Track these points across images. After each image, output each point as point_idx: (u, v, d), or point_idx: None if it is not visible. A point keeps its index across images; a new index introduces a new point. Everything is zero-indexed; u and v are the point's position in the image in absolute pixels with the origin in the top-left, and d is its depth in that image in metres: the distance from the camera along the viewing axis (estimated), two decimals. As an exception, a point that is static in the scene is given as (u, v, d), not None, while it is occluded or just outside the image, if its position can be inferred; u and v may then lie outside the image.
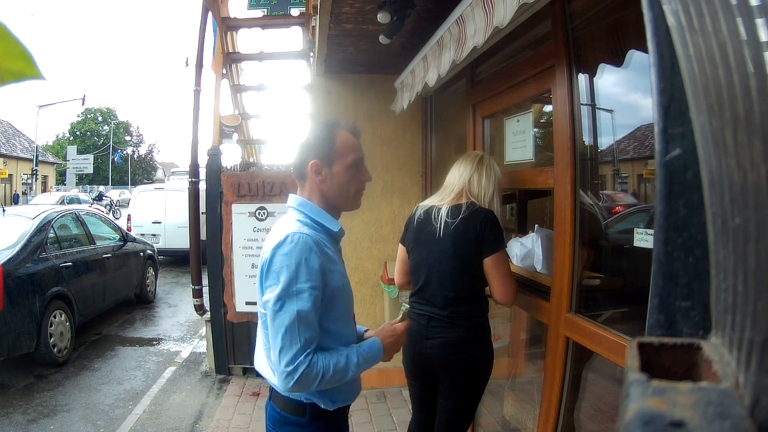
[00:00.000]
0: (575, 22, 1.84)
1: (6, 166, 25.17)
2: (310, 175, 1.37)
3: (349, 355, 1.31)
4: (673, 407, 0.26)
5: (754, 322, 0.30)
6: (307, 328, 1.23)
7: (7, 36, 0.35)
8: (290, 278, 1.23)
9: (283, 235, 1.26)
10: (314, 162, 1.36)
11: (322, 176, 1.37)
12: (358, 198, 1.46)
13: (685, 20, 0.33)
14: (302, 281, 1.23)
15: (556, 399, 1.91)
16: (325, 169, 1.38)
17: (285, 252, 1.24)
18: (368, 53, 3.34)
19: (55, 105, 28.99)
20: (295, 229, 1.28)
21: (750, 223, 0.30)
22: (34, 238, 4.76)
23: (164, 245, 9.60)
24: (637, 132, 1.90)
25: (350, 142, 1.41)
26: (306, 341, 1.22)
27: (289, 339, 1.22)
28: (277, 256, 1.25)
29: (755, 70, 0.30)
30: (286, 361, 1.21)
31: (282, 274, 1.23)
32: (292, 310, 1.22)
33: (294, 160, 1.42)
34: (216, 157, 4.30)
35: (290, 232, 1.27)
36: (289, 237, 1.26)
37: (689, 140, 0.38)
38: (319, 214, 1.38)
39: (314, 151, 1.38)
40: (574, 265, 1.83)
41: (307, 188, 1.40)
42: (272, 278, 1.25)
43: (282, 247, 1.25)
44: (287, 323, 1.22)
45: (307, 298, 1.23)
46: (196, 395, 4.09)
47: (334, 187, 1.39)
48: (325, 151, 1.37)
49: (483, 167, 2.05)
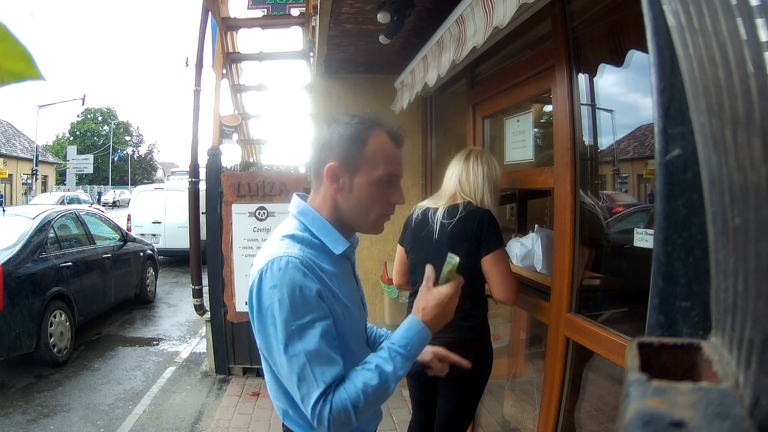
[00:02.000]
0: (575, 22, 1.84)
1: (6, 166, 25.15)
2: (325, 179, 1.10)
3: (380, 366, 1.04)
4: (673, 407, 0.26)
5: (754, 322, 0.30)
6: (324, 366, 1.00)
7: (6, 36, 0.35)
8: (286, 317, 0.99)
9: (268, 260, 1.03)
10: (332, 165, 1.08)
11: (338, 185, 1.10)
12: (380, 223, 1.16)
13: (685, 20, 0.33)
14: (301, 315, 1.00)
15: (556, 399, 1.91)
16: (345, 177, 1.09)
17: (273, 284, 1.00)
18: (368, 53, 3.34)
19: (55, 105, 29.00)
20: (282, 251, 1.03)
21: (750, 223, 0.30)
22: (34, 238, 4.76)
23: (164, 245, 9.60)
24: (637, 132, 1.90)
25: (387, 149, 1.10)
26: (326, 384, 1.00)
27: (307, 387, 1.00)
28: (264, 290, 1.01)
29: (755, 70, 0.30)
30: (310, 411, 1.00)
31: (276, 312, 1.00)
32: (299, 353, 0.99)
33: (311, 156, 1.18)
34: (216, 157, 4.30)
35: (276, 255, 1.02)
36: (275, 263, 1.01)
37: (689, 140, 0.38)
38: (323, 228, 1.12)
39: (335, 151, 1.09)
40: (574, 265, 1.83)
41: (321, 194, 1.14)
42: (266, 319, 1.01)
43: (268, 278, 1.01)
44: (298, 371, 0.99)
45: (314, 334, 1.00)
46: (196, 395, 4.09)
47: (352, 202, 1.11)
48: (349, 154, 1.09)
49: (469, 164, 2.00)
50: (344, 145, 1.09)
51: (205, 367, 4.66)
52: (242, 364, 4.36)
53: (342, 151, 1.09)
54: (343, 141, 1.09)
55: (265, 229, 4.18)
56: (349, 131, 1.09)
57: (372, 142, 1.09)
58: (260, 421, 3.57)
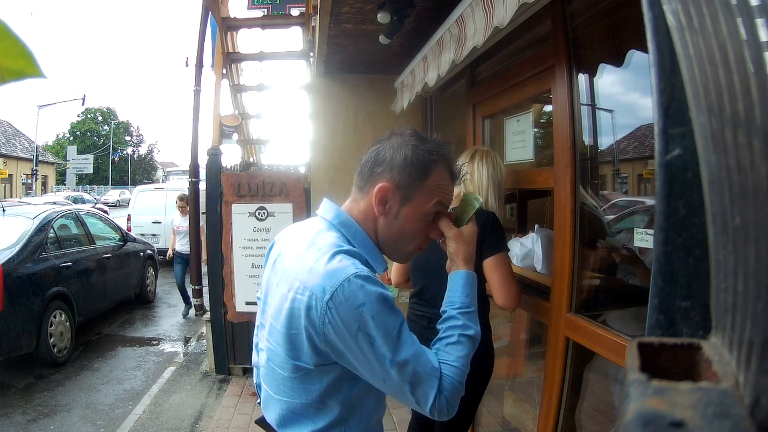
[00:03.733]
0: (575, 22, 1.84)
1: (6, 166, 25.17)
2: (373, 197, 1.02)
3: (463, 334, 1.02)
4: (673, 407, 0.26)
5: (754, 322, 0.30)
6: (425, 363, 0.96)
7: (7, 34, 0.35)
8: (385, 331, 0.92)
9: (337, 282, 0.90)
10: (385, 186, 1.01)
11: (384, 208, 1.03)
12: (412, 256, 1.11)
13: (685, 20, 0.33)
14: (394, 324, 0.93)
15: (556, 399, 1.91)
16: (395, 202, 1.02)
17: (358, 304, 0.90)
18: (368, 53, 3.34)
19: (55, 105, 29.03)
20: (350, 268, 0.92)
21: (750, 223, 0.30)
22: (34, 238, 4.76)
23: (164, 245, 9.59)
24: (637, 132, 1.90)
25: (445, 186, 1.05)
26: (437, 378, 0.96)
27: (422, 390, 0.95)
28: (348, 312, 0.90)
29: (755, 70, 0.30)
30: (429, 409, 0.97)
31: (371, 331, 0.91)
32: (406, 360, 0.93)
33: (364, 159, 1.07)
34: (216, 157, 4.30)
35: (346, 274, 0.91)
36: (351, 283, 0.90)
37: (689, 140, 0.38)
38: (366, 245, 1.04)
39: (394, 173, 1.01)
40: (574, 265, 1.83)
41: (361, 208, 1.06)
42: (359, 341, 0.91)
43: (347, 299, 0.90)
44: (410, 378, 0.94)
45: (407, 336, 0.95)
46: (196, 395, 4.09)
47: (393, 230, 1.04)
48: (408, 182, 1.01)
49: (474, 164, 1.96)
50: (406, 171, 1.01)
51: (205, 367, 4.66)
52: (242, 364, 4.36)
53: (401, 176, 1.01)
54: (407, 166, 1.01)
55: (265, 229, 4.17)
56: (416, 158, 1.01)
57: (434, 175, 1.02)
58: (260, 421, 3.57)
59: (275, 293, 1.02)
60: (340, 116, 4.04)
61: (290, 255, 1.02)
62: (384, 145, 1.05)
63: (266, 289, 1.09)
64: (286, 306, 0.95)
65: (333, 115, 4.05)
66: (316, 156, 4.08)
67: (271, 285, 1.05)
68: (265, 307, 1.08)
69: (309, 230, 1.06)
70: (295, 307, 0.94)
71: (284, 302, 0.96)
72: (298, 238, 1.06)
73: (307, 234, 1.04)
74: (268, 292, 1.07)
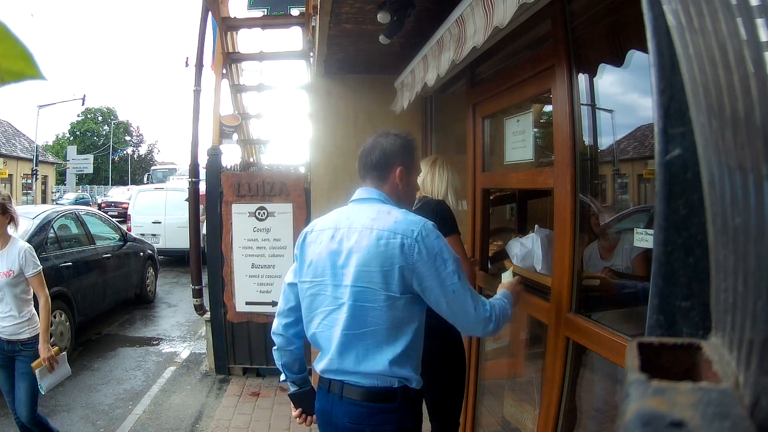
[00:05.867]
0: (575, 22, 1.84)
1: (6, 166, 25.16)
2: (393, 178, 1.55)
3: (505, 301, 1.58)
4: (673, 407, 0.26)
5: (754, 322, 0.30)
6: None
7: (7, 36, 0.35)
8: (451, 254, 1.41)
9: (413, 225, 1.41)
10: (401, 169, 1.55)
11: (404, 182, 1.57)
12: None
13: (685, 20, 0.33)
14: (453, 254, 1.43)
15: (556, 399, 1.91)
16: (407, 176, 1.58)
17: (436, 236, 1.41)
18: (368, 53, 3.34)
19: (55, 105, 28.91)
20: (418, 218, 1.46)
21: (750, 223, 0.30)
22: (34, 238, 4.77)
23: (164, 245, 9.60)
24: (637, 132, 1.90)
25: (418, 155, 1.66)
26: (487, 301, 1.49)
27: (477, 297, 1.45)
28: (431, 241, 1.39)
29: (755, 70, 0.30)
30: (483, 309, 1.44)
31: (445, 254, 1.39)
32: (464, 277, 1.43)
33: (375, 158, 1.55)
34: (216, 157, 4.30)
35: (421, 220, 1.44)
36: (427, 225, 1.43)
37: (689, 140, 0.38)
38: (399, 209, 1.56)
39: (401, 158, 1.56)
40: (574, 265, 1.83)
41: (386, 187, 1.56)
42: (437, 260, 1.39)
43: (429, 234, 1.40)
44: (469, 289, 1.43)
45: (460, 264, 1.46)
46: (196, 395, 4.09)
47: (408, 193, 1.62)
48: (409, 161, 1.58)
49: (435, 168, 2.32)
50: (405, 154, 1.57)
51: (205, 367, 4.66)
52: (242, 364, 4.36)
53: (405, 158, 1.57)
54: (405, 151, 1.57)
55: (265, 229, 4.17)
56: (407, 144, 1.58)
57: (416, 153, 1.62)
58: (260, 421, 3.57)
59: (358, 249, 1.41)
60: (340, 116, 4.04)
61: (362, 221, 1.45)
62: (382, 145, 1.56)
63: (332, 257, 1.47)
64: (379, 251, 1.38)
65: (333, 115, 4.04)
66: (316, 156, 4.07)
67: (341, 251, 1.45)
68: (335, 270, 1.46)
69: (363, 206, 1.53)
70: (389, 248, 1.38)
71: (377, 248, 1.39)
72: (359, 213, 1.49)
73: (365, 208, 1.51)
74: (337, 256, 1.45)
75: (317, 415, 1.59)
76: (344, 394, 1.46)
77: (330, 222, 1.54)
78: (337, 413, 1.47)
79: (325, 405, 1.51)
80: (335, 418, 1.48)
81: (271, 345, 1.70)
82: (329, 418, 1.49)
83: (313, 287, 1.52)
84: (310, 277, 1.52)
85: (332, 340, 1.47)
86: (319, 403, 1.56)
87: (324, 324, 1.50)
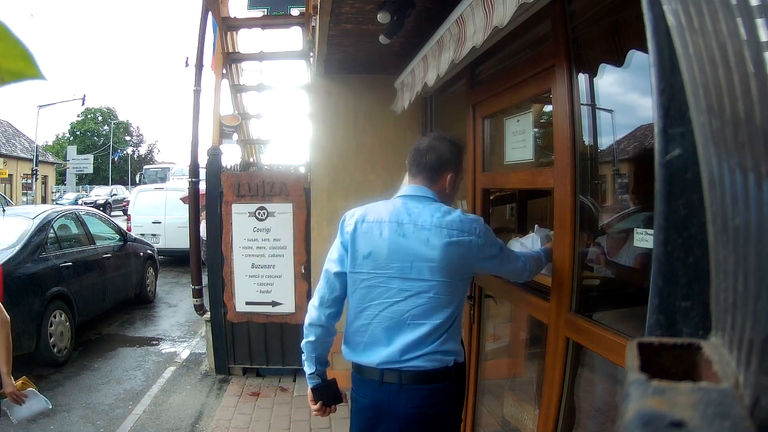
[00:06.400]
0: (575, 22, 1.84)
1: (6, 166, 25.15)
2: (443, 182, 1.66)
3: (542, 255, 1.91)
4: (673, 407, 0.26)
5: (754, 322, 0.30)
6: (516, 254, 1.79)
7: (7, 35, 0.35)
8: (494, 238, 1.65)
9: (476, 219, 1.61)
10: (452, 176, 1.67)
11: (450, 186, 1.69)
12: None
13: (685, 20, 0.33)
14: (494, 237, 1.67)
15: (556, 399, 1.91)
16: (454, 182, 1.69)
17: (486, 230, 1.61)
18: (368, 53, 3.34)
19: (55, 105, 28.89)
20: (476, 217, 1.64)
21: (750, 223, 0.30)
22: (34, 238, 4.76)
23: (164, 245, 9.60)
24: (637, 132, 1.90)
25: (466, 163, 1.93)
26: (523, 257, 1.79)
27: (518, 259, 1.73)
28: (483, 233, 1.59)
29: (755, 70, 0.30)
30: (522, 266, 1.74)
31: (493, 238, 1.64)
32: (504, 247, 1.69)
33: (430, 160, 1.64)
34: (216, 157, 4.30)
35: (479, 219, 1.63)
36: (481, 221, 1.62)
37: (689, 140, 0.38)
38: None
39: (453, 165, 1.67)
40: (574, 265, 1.83)
41: (435, 188, 1.66)
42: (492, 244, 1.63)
43: (482, 226, 1.60)
44: (511, 254, 1.71)
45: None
46: (196, 395, 4.09)
47: (452, 196, 1.73)
48: (459, 168, 1.71)
49: None
50: (457, 162, 1.69)
51: (205, 367, 4.66)
52: (242, 364, 4.36)
53: (457, 165, 1.69)
54: (458, 159, 1.69)
55: (265, 229, 4.17)
56: (460, 152, 1.71)
57: (465, 159, 1.75)
58: (260, 421, 3.57)
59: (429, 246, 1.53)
60: (340, 116, 4.04)
61: (426, 219, 1.56)
62: (438, 149, 1.66)
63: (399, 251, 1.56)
64: (451, 248, 1.53)
65: (333, 115, 4.04)
66: (316, 156, 4.07)
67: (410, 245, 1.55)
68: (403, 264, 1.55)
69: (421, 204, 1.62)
70: (460, 245, 1.54)
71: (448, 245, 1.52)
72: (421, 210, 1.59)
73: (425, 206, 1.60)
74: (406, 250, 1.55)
75: (361, 411, 1.63)
76: (404, 382, 1.53)
77: (387, 215, 1.60)
78: (396, 402, 1.54)
79: (379, 397, 1.56)
80: (394, 407, 1.54)
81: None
82: (384, 410, 1.55)
83: (371, 278, 1.58)
84: (369, 269, 1.58)
85: (391, 331, 1.56)
86: (368, 399, 1.60)
87: (383, 315, 1.56)
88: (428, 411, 1.54)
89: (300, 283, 4.15)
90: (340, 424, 3.47)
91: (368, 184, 3.87)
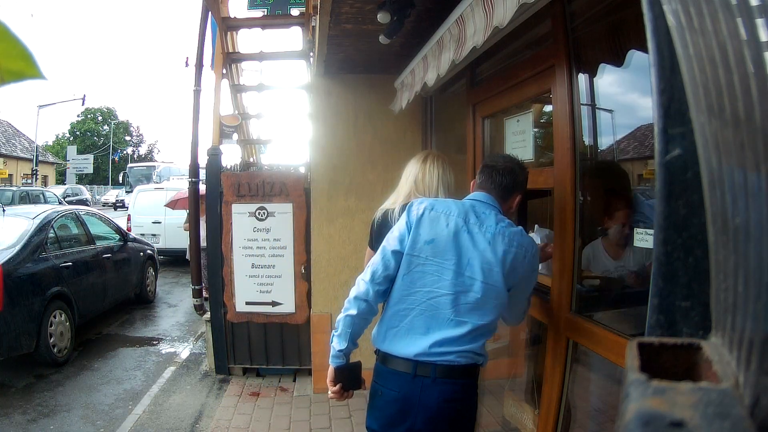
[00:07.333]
0: (575, 22, 1.84)
1: (6, 166, 25.17)
2: (511, 201, 1.75)
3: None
4: (673, 407, 0.26)
5: (754, 322, 0.30)
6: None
7: (7, 35, 0.35)
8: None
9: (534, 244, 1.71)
10: (519, 198, 1.76)
11: (515, 207, 1.78)
12: None
13: (685, 20, 0.33)
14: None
15: (556, 399, 1.91)
16: (517, 204, 1.78)
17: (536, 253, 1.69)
18: (368, 53, 3.34)
19: (55, 105, 28.93)
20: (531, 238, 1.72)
21: (750, 223, 0.30)
22: (34, 238, 4.76)
23: (164, 245, 9.60)
24: (637, 132, 1.90)
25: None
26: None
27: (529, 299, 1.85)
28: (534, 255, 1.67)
29: (755, 70, 0.30)
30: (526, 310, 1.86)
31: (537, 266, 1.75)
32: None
33: (506, 181, 1.72)
34: (216, 157, 4.30)
35: (533, 240, 1.73)
36: (535, 244, 1.72)
37: (689, 140, 0.38)
38: None
39: (522, 189, 1.77)
40: (574, 265, 1.83)
41: (501, 204, 1.72)
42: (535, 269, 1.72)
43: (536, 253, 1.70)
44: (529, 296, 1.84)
45: None
46: (196, 395, 4.09)
47: (511, 215, 1.80)
48: (524, 192, 1.81)
49: (426, 165, 2.15)
50: (525, 185, 1.79)
51: (205, 367, 4.65)
52: (242, 364, 4.36)
53: (524, 188, 1.79)
54: (525, 182, 1.79)
55: (265, 229, 4.17)
56: (527, 176, 1.79)
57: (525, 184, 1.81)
58: (260, 421, 3.57)
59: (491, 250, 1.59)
60: (340, 116, 4.04)
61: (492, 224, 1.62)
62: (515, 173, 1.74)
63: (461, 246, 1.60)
64: (508, 257, 1.59)
65: (333, 115, 4.04)
66: (316, 156, 4.07)
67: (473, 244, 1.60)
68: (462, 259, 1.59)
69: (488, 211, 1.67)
70: (517, 257, 1.60)
71: (507, 254, 1.59)
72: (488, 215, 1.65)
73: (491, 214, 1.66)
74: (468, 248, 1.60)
75: (386, 405, 1.63)
76: (438, 375, 1.56)
77: (455, 209, 1.64)
78: (429, 395, 1.56)
79: (410, 391, 1.58)
80: (426, 400, 1.56)
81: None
82: (414, 403, 1.57)
83: (428, 265, 1.60)
84: (428, 255, 1.60)
85: (431, 321, 1.59)
86: (396, 391, 1.61)
87: (428, 303, 1.59)
88: (457, 406, 1.58)
89: (300, 283, 4.15)
90: (341, 424, 3.48)
91: (368, 184, 3.87)
